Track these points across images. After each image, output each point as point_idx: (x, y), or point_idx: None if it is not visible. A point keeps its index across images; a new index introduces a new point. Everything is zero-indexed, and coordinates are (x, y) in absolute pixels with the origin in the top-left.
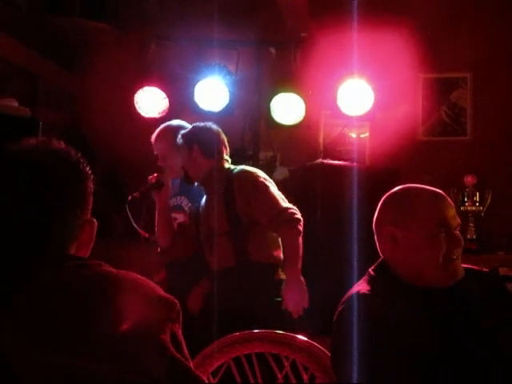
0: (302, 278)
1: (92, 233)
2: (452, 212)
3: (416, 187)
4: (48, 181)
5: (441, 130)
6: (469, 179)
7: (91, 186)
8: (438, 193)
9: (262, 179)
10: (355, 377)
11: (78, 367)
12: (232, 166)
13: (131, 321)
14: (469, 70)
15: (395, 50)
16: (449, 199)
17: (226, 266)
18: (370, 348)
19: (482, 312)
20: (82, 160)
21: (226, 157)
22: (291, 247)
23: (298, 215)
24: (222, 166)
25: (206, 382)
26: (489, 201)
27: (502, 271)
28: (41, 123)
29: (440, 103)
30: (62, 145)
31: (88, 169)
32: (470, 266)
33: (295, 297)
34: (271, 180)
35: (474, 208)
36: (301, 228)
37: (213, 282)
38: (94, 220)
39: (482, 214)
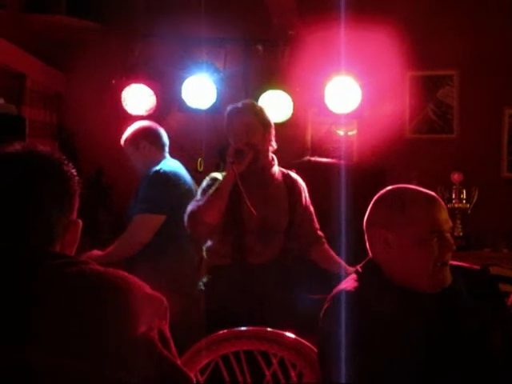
0: None
1: (77, 233)
2: (445, 215)
3: (408, 189)
4: (31, 179)
5: (428, 128)
6: (455, 176)
7: (76, 187)
8: (432, 196)
9: None
10: (340, 373)
11: (66, 366)
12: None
13: (119, 318)
14: (455, 67)
15: (382, 47)
16: (442, 202)
17: (269, 261)
18: (355, 345)
19: (469, 315)
20: (66, 161)
21: None
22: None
23: None
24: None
25: (194, 379)
26: (475, 198)
27: (494, 270)
28: (27, 121)
29: (427, 101)
30: (48, 148)
31: (73, 170)
32: (460, 264)
33: None
34: None
35: (460, 205)
36: None
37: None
38: (79, 221)
39: (469, 211)
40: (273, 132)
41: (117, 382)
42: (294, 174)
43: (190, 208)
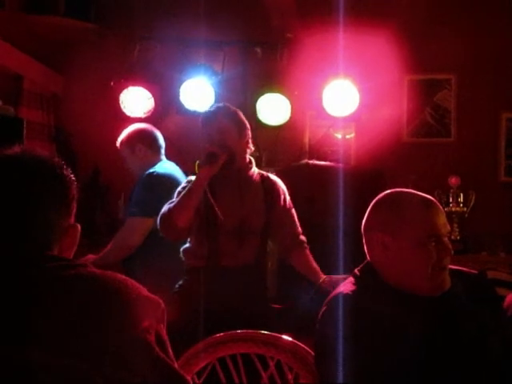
0: None
1: (75, 237)
2: (442, 219)
3: (406, 193)
4: (30, 182)
5: (425, 132)
6: (453, 180)
7: (74, 191)
8: (429, 200)
9: None
10: (337, 376)
11: (66, 366)
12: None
13: (118, 319)
14: (453, 71)
15: (380, 51)
16: (440, 206)
17: (244, 264)
18: (352, 349)
19: (468, 319)
20: (64, 166)
21: None
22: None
23: None
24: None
25: (191, 382)
26: (472, 202)
27: (491, 274)
28: (25, 122)
29: (424, 105)
30: (46, 151)
31: (71, 175)
32: (458, 268)
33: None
34: None
35: (458, 209)
36: None
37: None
38: (78, 225)
39: (466, 215)
40: (249, 134)
41: (118, 381)
42: (273, 177)
43: (162, 210)
